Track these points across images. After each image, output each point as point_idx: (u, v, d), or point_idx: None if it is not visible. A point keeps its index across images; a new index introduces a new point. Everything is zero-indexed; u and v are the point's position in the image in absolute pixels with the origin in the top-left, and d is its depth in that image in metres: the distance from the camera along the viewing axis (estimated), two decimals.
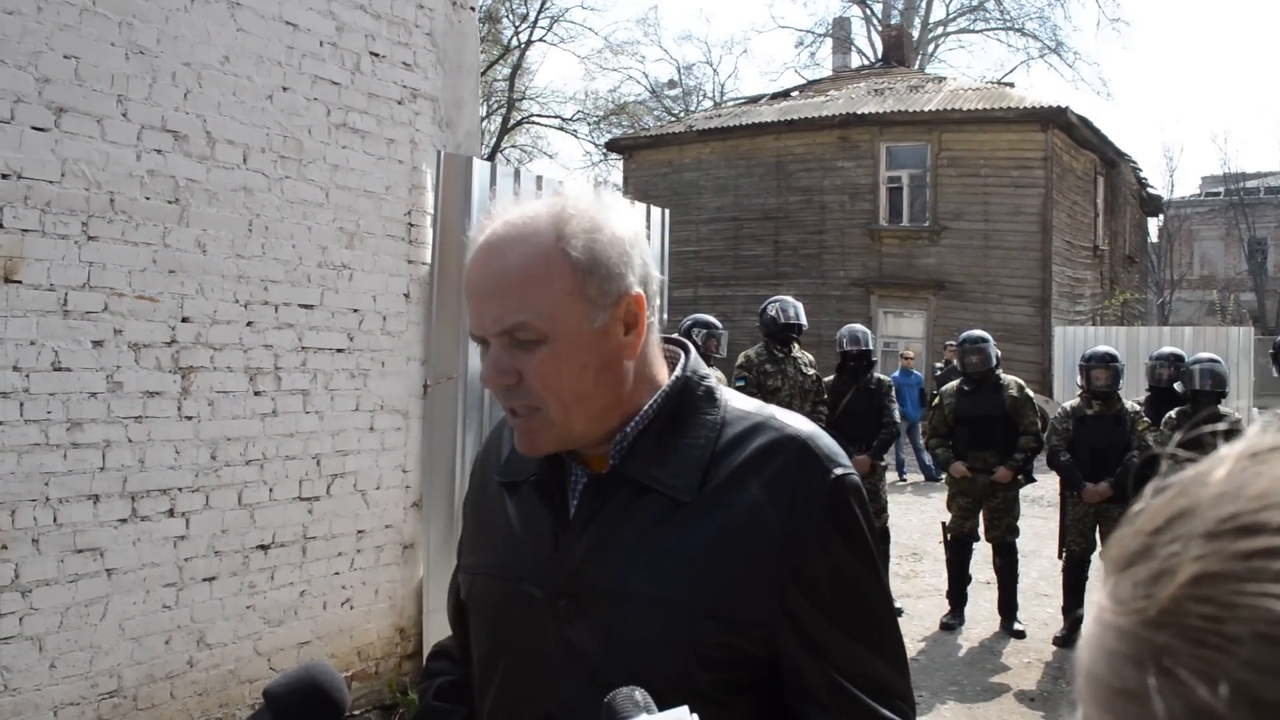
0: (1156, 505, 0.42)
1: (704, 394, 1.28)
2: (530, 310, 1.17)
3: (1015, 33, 36.22)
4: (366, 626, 4.85)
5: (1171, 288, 39.03)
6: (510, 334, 1.18)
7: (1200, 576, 0.37)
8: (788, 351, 6.90)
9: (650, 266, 1.25)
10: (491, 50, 30.43)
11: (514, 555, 1.29)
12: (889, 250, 20.30)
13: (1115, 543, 0.43)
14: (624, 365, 1.23)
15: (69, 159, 3.66)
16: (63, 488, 3.66)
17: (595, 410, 1.22)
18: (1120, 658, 0.39)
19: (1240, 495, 0.38)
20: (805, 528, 1.18)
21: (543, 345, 1.17)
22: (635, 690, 1.01)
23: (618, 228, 1.22)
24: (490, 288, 1.19)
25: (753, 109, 23.85)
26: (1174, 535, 0.39)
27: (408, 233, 4.99)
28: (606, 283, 1.19)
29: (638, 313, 1.22)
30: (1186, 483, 0.41)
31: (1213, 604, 0.36)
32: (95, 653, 3.77)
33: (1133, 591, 0.40)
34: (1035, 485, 7.64)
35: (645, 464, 1.23)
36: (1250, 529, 0.37)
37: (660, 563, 1.19)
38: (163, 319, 3.97)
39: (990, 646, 6.56)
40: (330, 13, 4.60)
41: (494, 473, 1.38)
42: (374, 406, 4.84)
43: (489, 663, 1.33)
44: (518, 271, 1.18)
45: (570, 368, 1.18)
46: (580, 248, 1.18)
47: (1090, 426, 6.47)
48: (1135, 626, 0.39)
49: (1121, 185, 24.34)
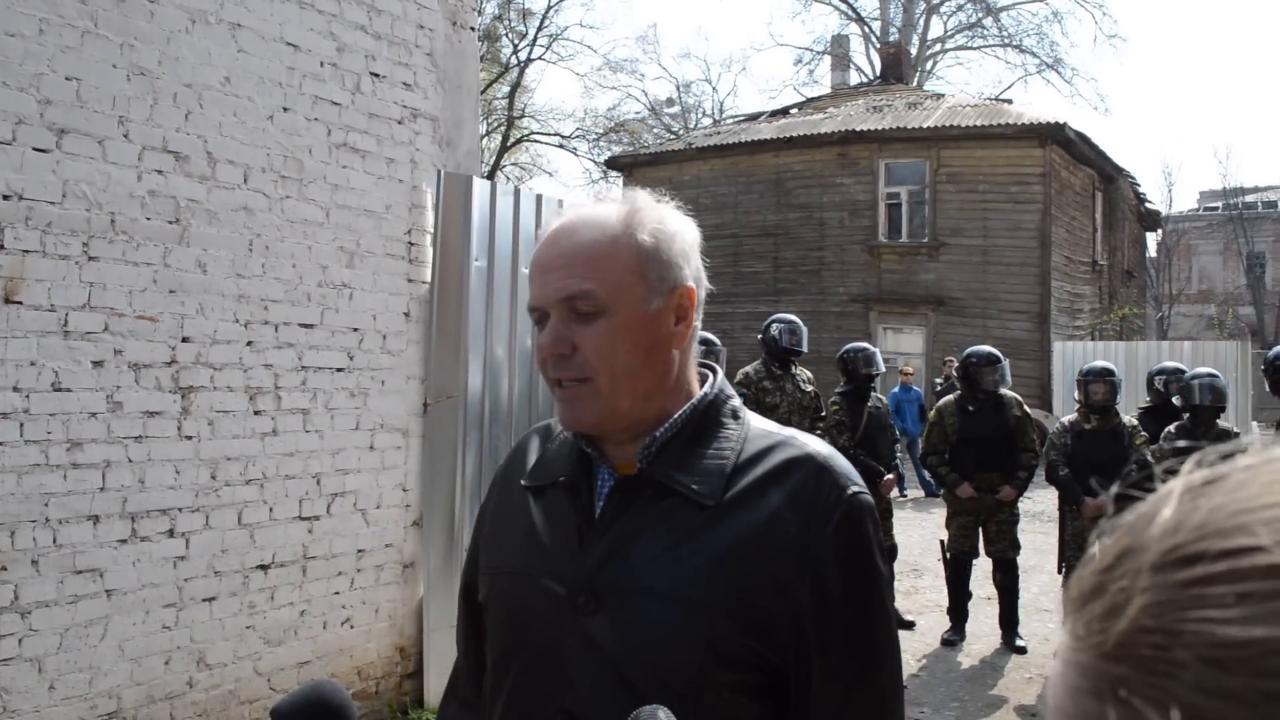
0: (1107, 546, 0.44)
1: (730, 411, 1.35)
2: (594, 280, 1.24)
3: (1013, 49, 36.37)
4: (367, 646, 4.84)
5: (1170, 302, 39.07)
6: (571, 303, 1.25)
7: (1148, 607, 0.39)
8: (787, 369, 6.90)
9: (702, 273, 1.35)
10: (490, 68, 30.54)
11: (537, 553, 1.33)
12: (888, 266, 20.32)
13: (1073, 583, 0.45)
14: (671, 353, 1.30)
15: (70, 180, 3.67)
16: (62, 508, 3.66)
17: (641, 390, 1.28)
18: (1082, 692, 0.41)
19: (1181, 528, 0.40)
20: (821, 539, 1.22)
21: (601, 318, 1.25)
22: (659, 709, 1.02)
23: (682, 228, 1.33)
24: (557, 261, 1.27)
25: (752, 126, 23.92)
26: (1123, 571, 0.41)
27: (408, 252, 5.01)
28: (665, 270, 1.28)
29: (689, 307, 1.31)
30: (1133, 522, 0.43)
31: (1160, 633, 0.38)
32: (95, 674, 3.77)
33: (1088, 628, 0.41)
34: (1035, 501, 7.63)
35: (671, 469, 1.27)
36: (1190, 559, 0.39)
37: (681, 562, 1.22)
38: (163, 339, 3.98)
39: (991, 662, 6.55)
40: (331, 34, 4.62)
41: (520, 479, 1.41)
42: (374, 425, 4.84)
43: (506, 659, 1.34)
44: (585, 246, 1.27)
45: (625, 342, 1.25)
46: (647, 234, 1.28)
47: (1088, 441, 6.46)
48: (1093, 660, 0.40)
49: (1120, 200, 24.39)
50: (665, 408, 1.31)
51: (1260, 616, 0.35)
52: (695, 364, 1.37)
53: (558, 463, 1.36)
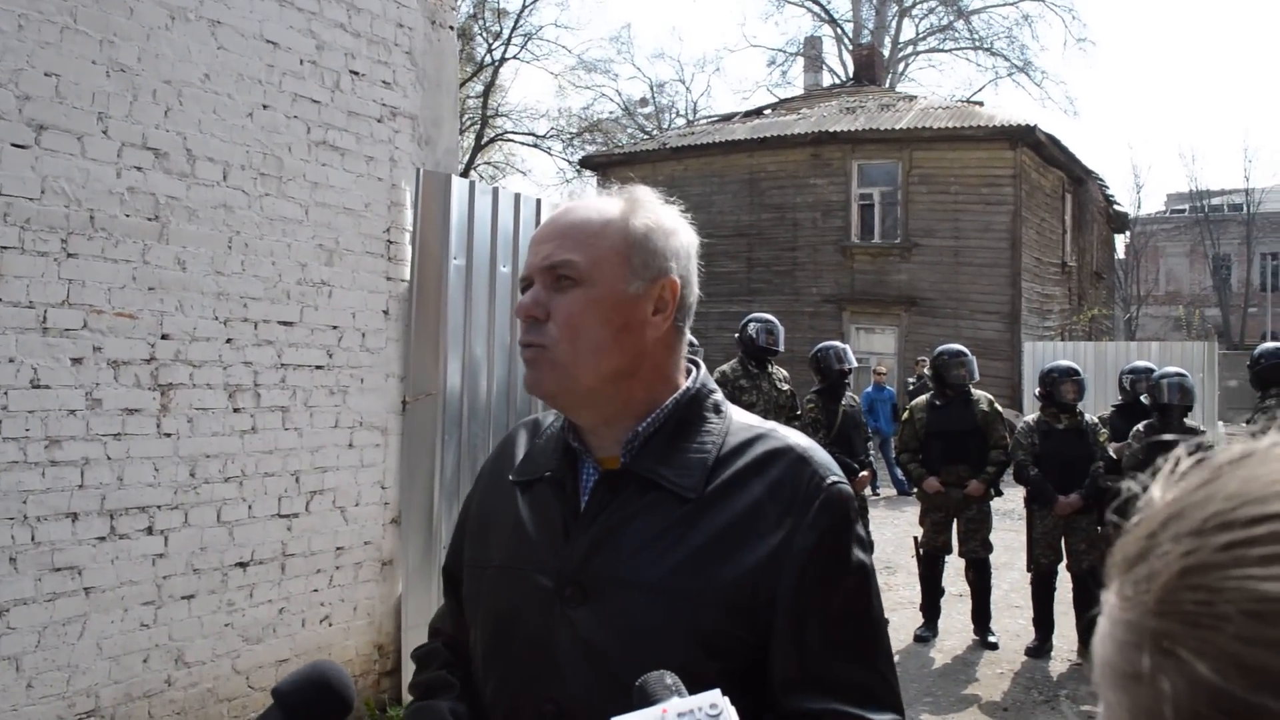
0: (1149, 514, 0.48)
1: (713, 405, 1.37)
2: (578, 252, 1.29)
3: (984, 52, 36.69)
4: (345, 644, 4.84)
5: (1138, 303, 39.51)
6: (554, 270, 1.30)
7: (1190, 568, 0.43)
8: (763, 368, 6.95)
9: (694, 276, 1.38)
10: (465, 67, 30.44)
11: (524, 547, 1.35)
12: (861, 267, 20.44)
13: (1117, 549, 0.49)
14: (644, 339, 1.32)
15: (49, 176, 3.66)
16: (41, 506, 3.65)
17: (605, 369, 1.30)
18: (1129, 646, 0.45)
19: (1216, 497, 0.45)
20: (801, 529, 1.24)
21: (578, 288, 1.29)
22: (666, 674, 1.04)
23: (678, 228, 1.37)
24: (550, 234, 1.33)
25: (725, 127, 23.98)
26: (1165, 536, 0.46)
27: (387, 250, 5.01)
28: (652, 258, 1.32)
29: (669, 299, 1.33)
30: (1172, 494, 0.48)
31: (1203, 590, 0.42)
32: (73, 672, 3.75)
33: (1134, 588, 0.46)
34: (1005, 499, 7.71)
35: (654, 462, 1.30)
36: (1230, 524, 0.43)
37: (665, 554, 1.25)
38: (142, 336, 3.97)
39: (964, 658, 6.62)
40: (310, 31, 4.62)
41: (507, 474, 1.44)
42: (353, 423, 4.85)
43: (494, 652, 1.36)
44: (579, 224, 1.32)
45: (595, 315, 1.29)
46: (639, 223, 1.32)
47: (1056, 440, 6.56)
48: (1139, 617, 0.45)
49: (1089, 202, 24.64)
50: (646, 399, 1.33)
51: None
52: (681, 361, 1.39)
53: (544, 458, 1.39)
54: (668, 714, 0.98)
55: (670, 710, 0.98)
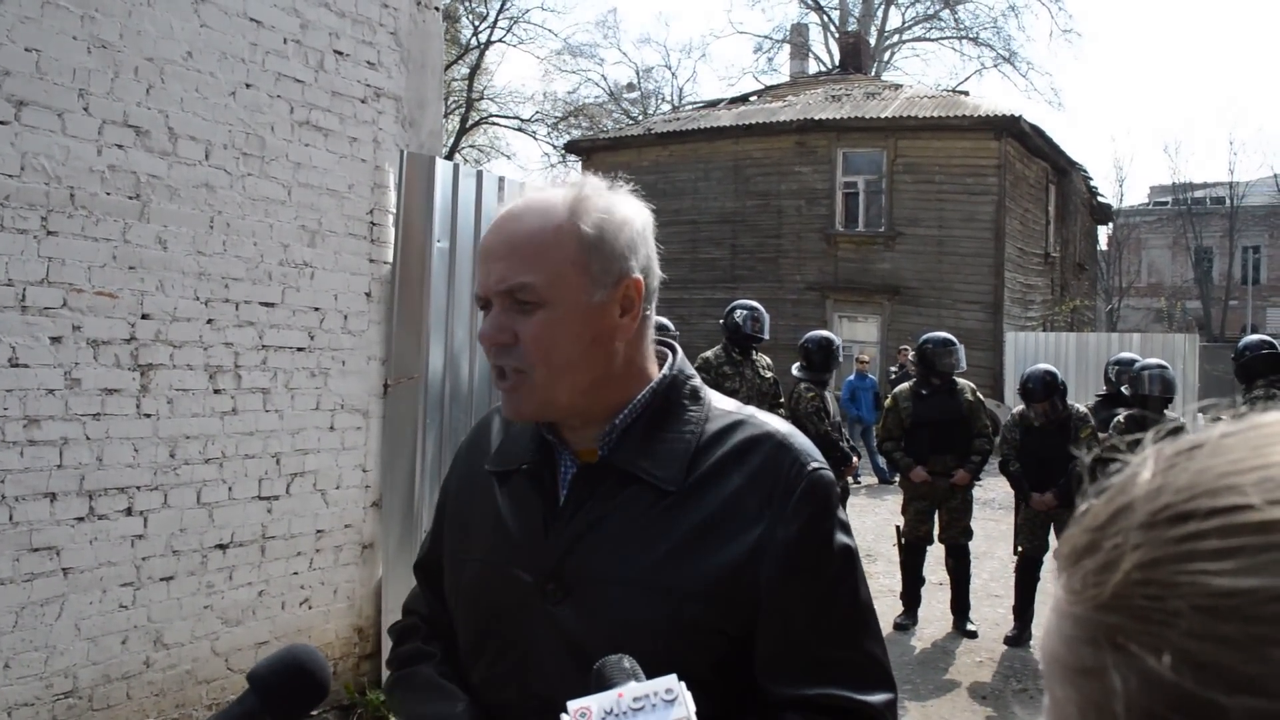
0: (1098, 505, 0.47)
1: (689, 392, 1.35)
2: (534, 273, 1.23)
3: (969, 42, 36.73)
4: (325, 627, 4.83)
5: (1120, 295, 39.73)
6: (512, 294, 1.24)
7: (1142, 563, 0.42)
8: (747, 355, 6.96)
9: (654, 260, 1.33)
10: (450, 49, 30.27)
11: (504, 542, 1.33)
12: (845, 255, 20.46)
13: (1065, 541, 0.48)
14: (615, 345, 1.28)
15: (29, 153, 3.62)
16: (19, 485, 3.62)
17: (582, 383, 1.27)
18: (1078, 640, 0.44)
19: (1168, 489, 0.44)
20: (783, 516, 1.24)
21: (541, 309, 1.24)
22: (624, 658, 1.04)
23: (629, 215, 1.30)
24: (500, 249, 1.27)
25: (711, 113, 23.93)
26: (1115, 529, 0.45)
27: (370, 232, 4.98)
28: (610, 262, 1.26)
29: (635, 298, 1.28)
30: (1121, 484, 0.47)
31: (1155, 585, 0.41)
32: (50, 653, 3.73)
33: (1084, 582, 0.45)
34: (985, 488, 7.75)
35: (633, 455, 1.28)
36: (1182, 516, 0.42)
37: (646, 548, 1.24)
38: (122, 315, 3.93)
39: (943, 646, 6.67)
40: (295, 10, 4.58)
41: (483, 462, 1.42)
42: (334, 406, 4.82)
43: (477, 647, 1.36)
44: (528, 237, 1.26)
45: (564, 335, 1.24)
46: (591, 224, 1.26)
47: (1036, 436, 6.56)
48: (1089, 612, 0.44)
49: (1072, 193, 24.73)
50: (620, 395, 1.31)
51: (1251, 568, 0.39)
52: (651, 348, 1.36)
53: (519, 448, 1.36)
54: (624, 698, 0.99)
55: (626, 694, 0.99)
